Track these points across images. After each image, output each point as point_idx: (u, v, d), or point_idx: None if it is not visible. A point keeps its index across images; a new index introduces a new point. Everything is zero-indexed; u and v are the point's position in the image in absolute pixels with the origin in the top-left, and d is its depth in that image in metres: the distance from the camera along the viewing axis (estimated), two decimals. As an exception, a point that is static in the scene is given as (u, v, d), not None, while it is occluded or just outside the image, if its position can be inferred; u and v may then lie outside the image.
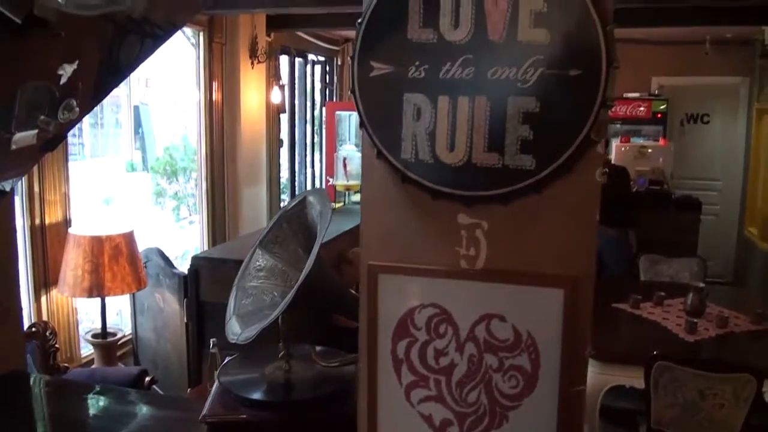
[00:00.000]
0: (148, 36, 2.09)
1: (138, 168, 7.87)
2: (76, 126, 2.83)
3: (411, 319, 1.47)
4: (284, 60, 6.49)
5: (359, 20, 1.35)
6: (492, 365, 1.43)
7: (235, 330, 1.75)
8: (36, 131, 1.89)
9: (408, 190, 1.42)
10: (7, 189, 2.34)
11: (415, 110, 1.36)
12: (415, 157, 1.38)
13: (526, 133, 1.30)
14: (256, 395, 1.79)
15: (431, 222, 1.43)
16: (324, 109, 7.28)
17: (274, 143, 6.09)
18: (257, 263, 1.89)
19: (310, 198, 1.85)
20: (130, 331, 4.48)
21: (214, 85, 5.27)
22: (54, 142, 2.02)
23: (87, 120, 6.16)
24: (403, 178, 1.40)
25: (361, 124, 1.40)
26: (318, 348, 1.97)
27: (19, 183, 3.41)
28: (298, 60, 6.86)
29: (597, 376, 3.31)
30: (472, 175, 1.35)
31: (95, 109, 3.37)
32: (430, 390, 1.49)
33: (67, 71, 1.85)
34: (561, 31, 1.25)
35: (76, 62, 1.85)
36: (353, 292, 1.85)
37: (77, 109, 1.97)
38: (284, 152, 6.65)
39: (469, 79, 1.31)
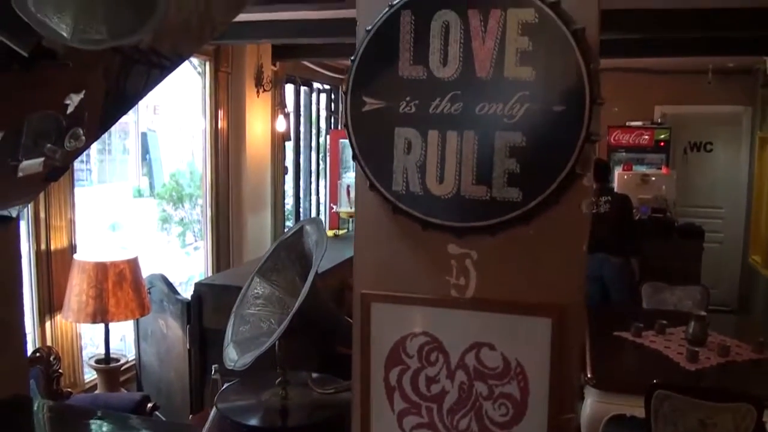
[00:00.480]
0: (155, 66, 2.13)
1: (145, 194, 7.96)
2: (84, 152, 2.88)
3: (403, 347, 1.50)
4: (290, 88, 6.57)
5: (352, 57, 1.41)
6: (482, 393, 1.46)
7: (232, 356, 1.78)
8: (43, 159, 1.93)
9: (399, 221, 1.46)
10: (13, 215, 2.38)
11: (405, 144, 1.41)
12: (406, 189, 1.42)
13: (513, 167, 1.34)
14: (253, 421, 1.81)
15: (422, 252, 1.47)
16: (328, 136, 7.35)
17: (278, 170, 6.15)
18: (255, 291, 1.92)
19: (307, 227, 1.89)
20: (133, 357, 4.50)
21: (220, 113, 5.34)
22: (59, 171, 2.06)
23: (95, 146, 6.25)
24: (394, 209, 1.44)
25: (354, 157, 1.45)
26: (314, 375, 2.00)
27: (25, 209, 3.45)
28: (303, 88, 6.95)
29: (598, 405, 3.31)
30: (461, 206, 1.39)
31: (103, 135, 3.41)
32: (422, 417, 1.51)
33: (74, 101, 1.89)
34: (546, 69, 1.30)
35: (83, 92, 1.90)
36: (348, 319, 1.88)
37: (84, 137, 2.00)
38: (289, 179, 6.71)
39: (458, 114, 1.36)
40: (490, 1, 1.31)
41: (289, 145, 6.63)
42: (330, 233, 5.98)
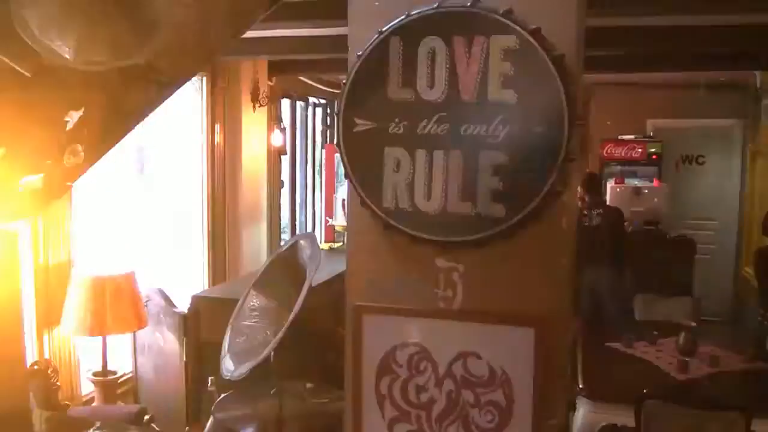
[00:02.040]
0: (152, 83, 2.19)
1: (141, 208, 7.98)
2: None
3: (393, 357, 1.56)
4: (286, 103, 6.63)
5: (344, 80, 1.48)
6: (469, 401, 1.52)
7: (229, 367, 1.83)
8: (42, 175, 1.98)
9: (389, 236, 1.52)
10: (15, 230, 2.42)
11: (395, 163, 1.48)
12: (395, 206, 1.49)
13: (497, 185, 1.41)
14: (249, 430, 1.86)
15: (411, 265, 1.53)
16: (324, 150, 7.40)
17: (274, 184, 6.20)
18: (251, 303, 1.97)
19: (301, 242, 1.94)
20: (130, 370, 4.52)
21: (217, 128, 5.38)
22: (61, 189, 2.11)
23: (92, 161, 6.27)
24: (384, 225, 1.51)
25: (346, 175, 1.52)
26: (309, 385, 2.05)
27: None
28: (299, 103, 7.00)
29: (590, 415, 3.35)
30: (448, 222, 1.46)
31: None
32: (412, 424, 1.57)
33: (73, 118, 1.95)
34: (527, 93, 1.37)
35: (82, 109, 1.95)
36: (342, 330, 1.94)
37: (82, 153, 2.05)
38: (285, 193, 6.75)
39: (444, 134, 1.43)
40: (474, 29, 1.39)
41: (285, 159, 6.68)
42: (325, 246, 6.03)
